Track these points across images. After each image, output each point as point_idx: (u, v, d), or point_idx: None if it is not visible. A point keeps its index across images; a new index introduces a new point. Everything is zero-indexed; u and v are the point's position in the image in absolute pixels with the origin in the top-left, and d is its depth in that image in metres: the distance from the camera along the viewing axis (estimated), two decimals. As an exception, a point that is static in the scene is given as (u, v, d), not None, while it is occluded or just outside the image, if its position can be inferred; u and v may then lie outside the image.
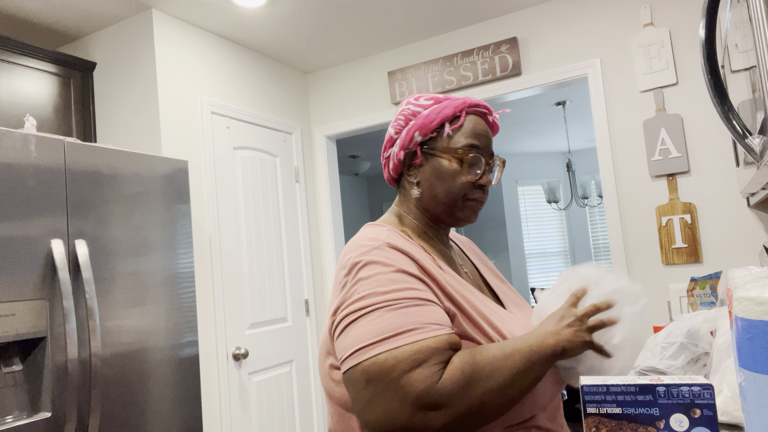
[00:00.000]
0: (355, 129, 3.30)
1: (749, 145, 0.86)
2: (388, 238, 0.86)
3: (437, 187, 0.93)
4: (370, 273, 0.79)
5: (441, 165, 0.93)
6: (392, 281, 0.78)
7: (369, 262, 0.81)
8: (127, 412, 1.81)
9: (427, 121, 0.93)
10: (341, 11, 2.68)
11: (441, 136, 0.93)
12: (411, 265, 0.83)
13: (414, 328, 0.74)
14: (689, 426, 0.62)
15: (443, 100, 0.95)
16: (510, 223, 6.61)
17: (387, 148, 0.98)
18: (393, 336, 0.73)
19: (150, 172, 2.02)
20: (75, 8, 2.40)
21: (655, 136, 2.47)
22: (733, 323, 0.59)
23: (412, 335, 0.73)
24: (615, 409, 0.64)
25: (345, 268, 0.83)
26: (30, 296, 1.59)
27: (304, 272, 3.17)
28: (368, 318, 0.75)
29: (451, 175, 0.92)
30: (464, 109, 0.94)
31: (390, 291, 0.77)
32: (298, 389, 3.00)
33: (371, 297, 0.77)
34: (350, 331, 0.76)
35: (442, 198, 0.93)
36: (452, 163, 0.92)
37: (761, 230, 2.30)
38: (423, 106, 0.95)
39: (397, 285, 0.78)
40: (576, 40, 2.70)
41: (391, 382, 0.71)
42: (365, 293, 0.77)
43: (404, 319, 0.75)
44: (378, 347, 0.73)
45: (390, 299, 0.76)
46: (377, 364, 0.72)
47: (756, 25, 0.70)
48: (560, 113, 5.02)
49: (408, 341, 0.73)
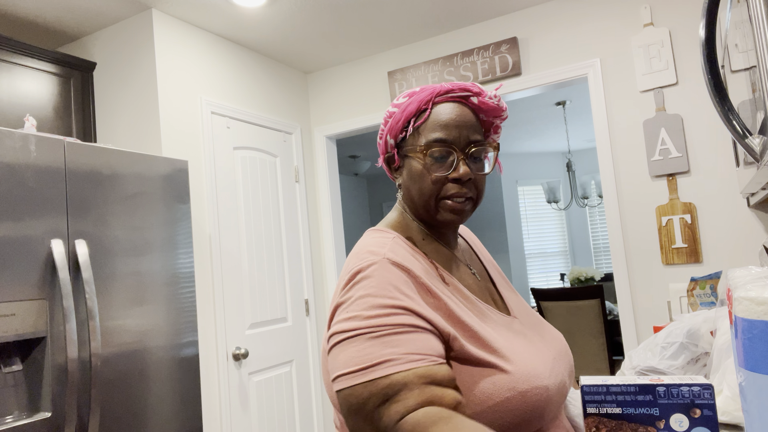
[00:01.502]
0: (355, 129, 3.30)
1: (749, 145, 0.86)
2: (390, 251, 0.82)
3: (412, 190, 0.89)
4: (361, 293, 0.78)
5: (412, 166, 0.88)
6: (379, 306, 0.76)
7: (363, 279, 0.79)
8: (127, 412, 1.81)
9: (395, 122, 0.89)
10: (341, 11, 2.68)
11: (413, 136, 0.88)
12: (407, 284, 0.79)
13: (390, 359, 0.72)
14: (689, 426, 0.62)
15: (413, 94, 0.90)
16: (510, 223, 6.61)
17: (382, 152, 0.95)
18: (369, 367, 0.72)
19: (150, 172, 2.02)
20: (75, 8, 2.40)
21: (655, 136, 2.47)
22: (733, 323, 0.59)
23: (387, 367, 0.72)
24: (615, 409, 0.64)
25: (344, 280, 0.82)
26: (30, 296, 1.59)
27: (304, 272, 3.17)
28: (350, 343, 0.75)
29: (420, 175, 0.87)
30: (431, 99, 0.87)
31: (374, 316, 0.75)
32: (298, 389, 3.00)
33: (355, 320, 0.75)
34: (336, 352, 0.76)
35: (417, 200, 0.89)
36: (420, 160, 0.86)
37: (761, 230, 2.30)
38: (398, 105, 0.90)
39: (383, 310, 0.75)
40: (576, 40, 2.70)
41: (366, 414, 0.71)
42: (351, 315, 0.76)
43: (382, 350, 0.73)
44: (355, 378, 0.73)
45: (372, 325, 0.74)
46: (354, 395, 0.72)
47: (756, 25, 0.70)
48: (560, 113, 5.02)
49: (382, 374, 0.72)
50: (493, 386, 0.77)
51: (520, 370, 0.79)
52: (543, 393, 0.78)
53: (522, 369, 0.79)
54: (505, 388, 0.76)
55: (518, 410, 0.76)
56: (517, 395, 0.76)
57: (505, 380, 0.77)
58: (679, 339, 1.28)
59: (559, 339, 0.94)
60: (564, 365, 0.87)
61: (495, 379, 0.77)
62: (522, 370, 0.79)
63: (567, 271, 6.78)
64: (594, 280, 4.32)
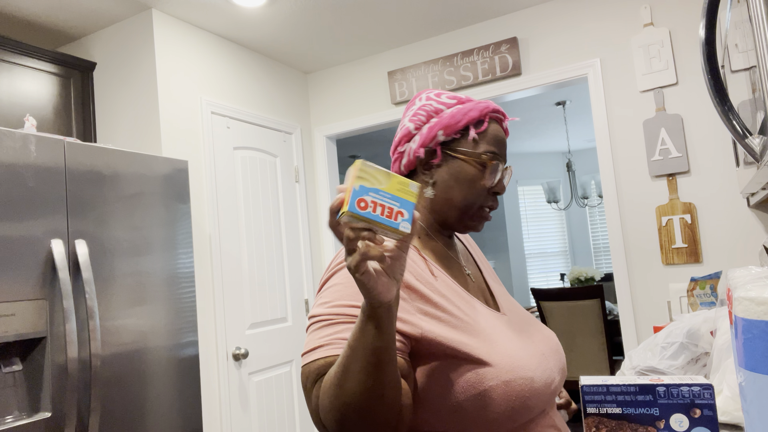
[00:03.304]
0: (355, 129, 3.30)
1: (749, 145, 0.86)
2: None
3: (454, 191, 0.90)
4: (335, 282, 0.83)
5: (462, 168, 0.90)
6: (345, 296, 0.80)
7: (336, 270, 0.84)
8: (127, 412, 1.81)
9: (453, 122, 0.90)
10: (341, 11, 2.68)
11: (465, 139, 0.90)
12: None
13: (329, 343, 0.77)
14: (689, 426, 0.62)
15: (466, 101, 0.93)
16: (510, 223, 6.61)
17: (403, 142, 0.93)
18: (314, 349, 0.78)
19: (150, 172, 2.02)
20: (75, 8, 2.40)
21: (655, 136, 2.47)
22: (733, 323, 0.59)
23: (326, 350, 0.76)
24: (615, 409, 0.64)
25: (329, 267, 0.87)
26: (30, 296, 1.59)
27: (304, 272, 3.17)
28: (312, 328, 0.81)
29: (471, 180, 0.90)
30: (488, 113, 0.92)
31: (336, 305, 0.80)
32: (298, 389, 3.00)
33: (322, 307, 0.81)
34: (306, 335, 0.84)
35: (457, 202, 0.90)
36: (473, 167, 0.90)
37: (761, 230, 2.30)
38: (446, 104, 0.93)
39: (346, 301, 0.80)
40: (576, 40, 2.70)
41: (306, 393, 0.78)
42: (322, 302, 0.82)
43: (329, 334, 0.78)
44: (305, 358, 0.79)
45: (330, 313, 0.79)
46: (302, 374, 0.79)
47: (756, 25, 0.70)
48: (560, 113, 5.02)
49: (319, 356, 0.77)
50: (476, 375, 0.78)
51: (503, 360, 0.80)
52: (527, 384, 0.79)
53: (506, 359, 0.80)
54: (488, 377, 0.78)
55: (501, 399, 0.77)
56: (500, 384, 0.77)
57: (488, 370, 0.78)
58: (679, 339, 1.28)
59: (551, 338, 0.95)
60: (554, 362, 0.89)
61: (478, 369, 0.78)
62: (506, 360, 0.80)
63: (567, 271, 6.78)
64: (594, 280, 4.32)
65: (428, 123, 0.92)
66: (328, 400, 0.70)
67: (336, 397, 0.69)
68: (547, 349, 0.90)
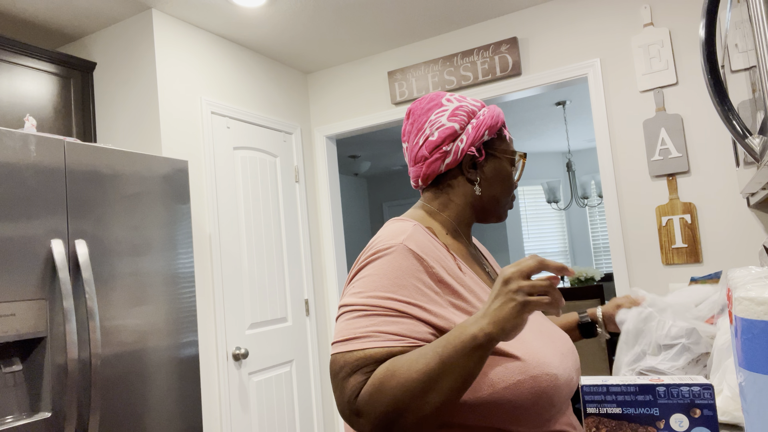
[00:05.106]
0: (355, 129, 3.30)
1: (749, 145, 0.86)
2: (409, 239, 0.86)
3: (497, 187, 0.98)
4: (369, 273, 0.83)
5: (502, 166, 0.98)
6: (380, 287, 0.81)
7: (377, 259, 0.84)
8: (127, 412, 1.81)
9: (493, 122, 0.96)
10: (341, 11, 2.68)
11: (500, 139, 0.99)
12: (419, 273, 0.83)
13: (368, 335, 0.77)
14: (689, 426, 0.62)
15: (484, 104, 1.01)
16: (510, 223, 6.61)
17: (448, 141, 0.94)
18: (351, 339, 0.78)
19: (150, 172, 2.02)
20: (75, 8, 2.40)
21: (655, 136, 2.47)
22: (733, 323, 0.59)
23: (364, 342, 0.77)
24: (615, 409, 0.64)
25: (363, 256, 0.88)
26: (30, 296, 1.59)
27: (304, 272, 3.17)
28: (346, 317, 0.81)
29: (508, 176, 0.99)
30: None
31: (372, 297, 0.81)
32: (298, 389, 3.00)
33: (356, 297, 0.82)
34: (337, 323, 0.83)
35: (499, 197, 0.98)
36: (508, 165, 0.99)
37: (761, 230, 2.30)
38: (476, 107, 0.98)
39: (381, 293, 0.80)
40: (576, 40, 2.70)
41: (338, 382, 0.78)
42: (355, 291, 0.83)
43: (367, 326, 0.78)
44: (339, 347, 0.79)
45: (367, 305, 0.80)
46: (334, 362, 0.79)
47: (756, 25, 0.70)
48: (560, 113, 5.02)
49: (358, 347, 0.77)
50: (505, 369, 0.80)
51: (531, 356, 0.82)
52: (552, 380, 0.81)
53: (533, 355, 0.83)
54: (517, 372, 0.80)
55: (528, 393, 0.79)
56: (528, 378, 0.80)
57: (518, 364, 0.81)
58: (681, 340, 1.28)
59: (567, 339, 0.99)
60: (571, 362, 0.91)
61: (507, 363, 0.81)
62: (533, 357, 0.83)
63: (567, 271, 6.76)
64: (594, 280, 4.32)
65: (470, 123, 0.96)
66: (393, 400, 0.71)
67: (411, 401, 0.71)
68: (565, 350, 0.93)
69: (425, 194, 1.00)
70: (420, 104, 0.99)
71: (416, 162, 0.97)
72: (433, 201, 0.98)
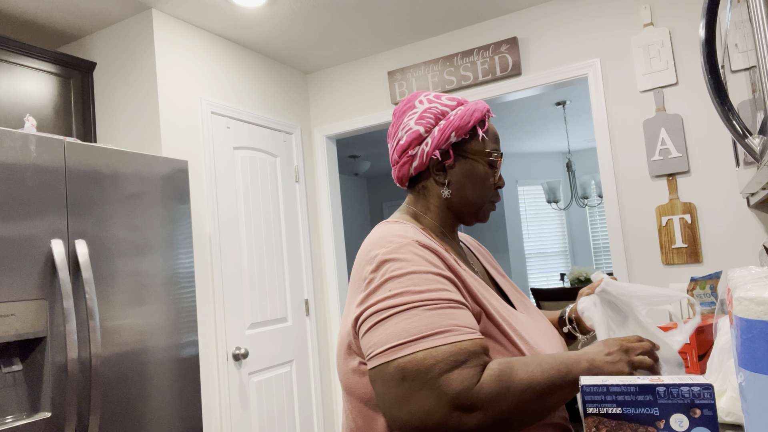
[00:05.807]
0: (355, 129, 3.30)
1: (749, 145, 0.86)
2: (416, 235, 0.85)
3: (468, 189, 0.95)
4: (403, 271, 0.79)
5: (474, 168, 0.95)
6: (426, 281, 0.78)
7: (400, 259, 0.80)
8: (127, 412, 1.81)
9: (462, 123, 0.93)
10: (341, 11, 2.68)
11: (474, 139, 0.95)
12: (441, 264, 0.83)
13: (450, 329, 0.75)
14: (689, 426, 0.62)
15: (463, 102, 0.97)
16: (510, 223, 6.61)
17: (413, 145, 0.93)
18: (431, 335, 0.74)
19: (150, 172, 2.02)
20: (75, 8, 2.40)
21: (655, 136, 2.47)
22: (733, 323, 0.59)
23: (450, 336, 0.74)
24: (615, 409, 0.64)
25: (371, 264, 0.82)
26: (30, 296, 1.59)
27: (304, 272, 3.17)
28: (403, 316, 0.75)
29: (483, 178, 0.95)
30: (487, 112, 0.97)
31: (425, 291, 0.77)
32: (298, 389, 3.00)
33: (405, 295, 0.77)
34: (381, 327, 0.76)
35: (472, 199, 0.95)
36: (483, 166, 0.95)
37: (761, 230, 2.30)
38: (448, 106, 0.95)
39: (431, 285, 0.78)
40: (576, 40, 2.70)
41: (430, 380, 0.71)
42: (398, 291, 0.77)
43: (441, 320, 0.75)
44: (416, 345, 0.73)
45: (425, 299, 0.76)
46: (415, 361, 0.72)
47: (756, 25, 0.70)
48: (560, 113, 5.02)
49: (446, 341, 0.73)
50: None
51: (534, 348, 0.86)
52: None
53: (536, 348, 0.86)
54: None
55: None
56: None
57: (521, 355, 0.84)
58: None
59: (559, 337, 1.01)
60: None
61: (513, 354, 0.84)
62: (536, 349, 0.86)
63: (567, 271, 6.78)
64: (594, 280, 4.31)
65: (437, 125, 0.93)
66: (516, 399, 0.74)
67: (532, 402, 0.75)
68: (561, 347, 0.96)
69: (408, 196, 1.01)
70: (399, 106, 1.00)
71: (392, 164, 0.99)
72: (416, 203, 0.99)
